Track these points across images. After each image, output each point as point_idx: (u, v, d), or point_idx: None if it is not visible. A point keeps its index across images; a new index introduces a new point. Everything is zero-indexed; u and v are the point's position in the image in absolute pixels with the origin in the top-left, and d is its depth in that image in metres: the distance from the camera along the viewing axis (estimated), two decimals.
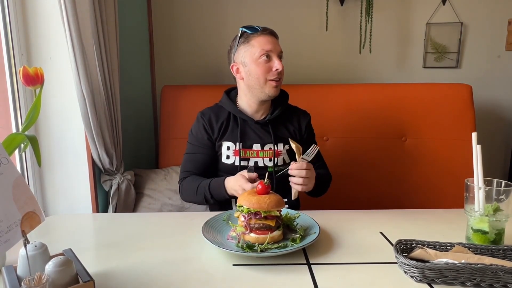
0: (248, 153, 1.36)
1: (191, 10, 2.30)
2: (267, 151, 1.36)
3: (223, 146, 1.37)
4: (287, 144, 1.38)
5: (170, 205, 1.83)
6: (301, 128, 1.43)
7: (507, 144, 2.41)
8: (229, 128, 1.38)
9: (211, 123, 1.38)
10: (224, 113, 1.40)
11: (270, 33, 1.32)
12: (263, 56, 1.28)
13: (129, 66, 1.97)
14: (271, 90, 1.32)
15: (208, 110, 1.42)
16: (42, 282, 0.62)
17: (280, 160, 1.38)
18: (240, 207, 0.96)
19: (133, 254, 0.93)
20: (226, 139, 1.37)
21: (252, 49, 1.30)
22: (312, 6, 2.27)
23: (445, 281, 0.77)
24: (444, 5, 2.25)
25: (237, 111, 1.38)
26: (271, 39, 1.31)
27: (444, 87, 2.01)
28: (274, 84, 1.31)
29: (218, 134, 1.37)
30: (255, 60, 1.29)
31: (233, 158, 1.36)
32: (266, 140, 1.37)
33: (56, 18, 1.46)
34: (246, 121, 1.38)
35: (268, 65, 1.30)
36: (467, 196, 0.94)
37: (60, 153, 1.63)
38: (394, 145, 1.96)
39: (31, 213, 0.74)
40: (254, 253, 0.88)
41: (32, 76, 0.94)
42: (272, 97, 1.35)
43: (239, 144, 1.35)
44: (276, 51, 1.31)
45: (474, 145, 0.93)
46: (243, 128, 1.37)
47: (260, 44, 1.29)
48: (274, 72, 1.30)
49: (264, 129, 1.38)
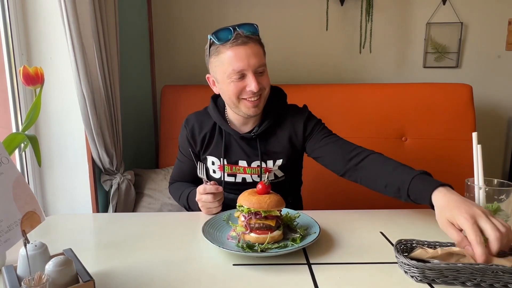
0: (235, 169, 1.22)
1: (191, 10, 2.30)
2: (255, 168, 1.21)
3: (208, 161, 1.25)
4: (279, 159, 1.21)
5: (170, 205, 1.83)
6: (297, 132, 1.21)
7: (507, 144, 2.41)
8: (213, 141, 1.23)
9: (194, 134, 1.25)
10: (209, 123, 1.24)
11: (243, 43, 1.05)
12: (235, 75, 1.08)
13: (129, 66, 1.97)
14: (248, 110, 1.13)
15: (193, 118, 1.27)
16: (42, 281, 0.62)
17: (271, 176, 1.23)
18: (240, 207, 0.96)
19: (133, 254, 0.93)
20: (210, 154, 1.24)
21: (221, 66, 1.09)
22: (312, 6, 2.27)
23: (445, 281, 0.77)
24: (444, 5, 2.25)
25: (222, 122, 1.21)
26: (244, 52, 1.05)
27: (444, 87, 2.01)
28: (250, 105, 1.11)
29: (202, 147, 1.25)
30: (226, 78, 1.09)
31: (219, 173, 1.24)
32: (253, 158, 1.20)
33: (56, 18, 1.46)
34: (232, 135, 1.21)
35: (241, 84, 1.08)
36: (467, 196, 0.94)
37: (60, 153, 1.63)
38: (394, 145, 1.96)
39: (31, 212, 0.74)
40: (254, 253, 0.88)
41: (32, 75, 0.94)
42: (252, 116, 1.16)
43: (223, 160, 1.21)
44: (251, 67, 1.06)
45: (474, 145, 0.93)
46: (228, 143, 1.22)
47: (230, 61, 1.06)
48: (248, 92, 1.09)
49: (251, 145, 1.21)
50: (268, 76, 1.15)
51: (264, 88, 1.12)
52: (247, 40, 1.06)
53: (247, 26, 1.08)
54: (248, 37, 1.07)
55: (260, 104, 1.14)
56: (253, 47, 1.07)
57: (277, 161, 1.22)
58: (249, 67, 1.07)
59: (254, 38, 1.08)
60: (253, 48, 1.07)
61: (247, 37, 1.06)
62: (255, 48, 1.08)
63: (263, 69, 1.11)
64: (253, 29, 1.09)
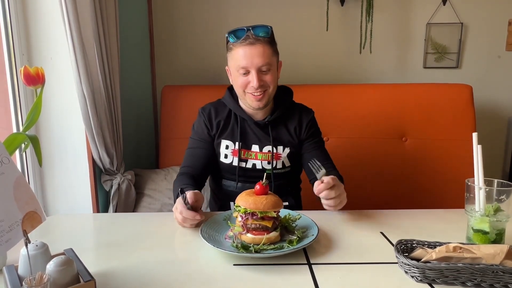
0: (247, 154, 1.32)
1: (191, 10, 2.30)
2: (266, 153, 1.32)
3: (222, 145, 1.33)
4: (287, 147, 1.33)
5: (171, 205, 1.83)
6: (301, 127, 1.35)
7: (507, 144, 2.41)
8: (229, 126, 1.33)
9: (211, 118, 1.34)
10: (225, 110, 1.35)
11: (250, 44, 1.19)
12: (240, 70, 1.22)
13: (130, 66, 1.98)
14: (252, 103, 1.26)
15: (209, 105, 1.38)
16: (43, 281, 0.62)
17: (279, 164, 1.33)
18: (238, 207, 0.96)
19: (133, 254, 0.94)
20: (225, 138, 1.33)
21: (232, 61, 1.24)
22: (313, 6, 2.27)
23: (445, 281, 0.77)
24: (445, 5, 2.25)
25: (238, 109, 1.33)
26: (249, 52, 1.19)
27: (444, 88, 2.01)
28: (253, 98, 1.24)
29: (217, 130, 1.33)
30: (235, 71, 1.24)
31: (231, 157, 1.32)
32: (265, 142, 1.32)
33: (57, 18, 1.46)
34: (246, 121, 1.33)
35: (246, 79, 1.23)
36: (467, 196, 0.94)
37: (61, 153, 1.63)
38: (394, 145, 1.96)
39: (32, 212, 0.74)
40: (248, 254, 0.88)
41: (33, 76, 0.94)
42: (256, 108, 1.28)
43: (239, 144, 1.31)
44: (254, 66, 1.20)
45: (474, 145, 0.93)
46: (243, 128, 1.33)
47: (237, 57, 1.21)
48: (250, 87, 1.22)
49: (264, 131, 1.33)
50: (274, 74, 1.26)
51: (267, 85, 1.24)
52: (254, 41, 1.19)
53: (260, 28, 1.21)
54: (256, 39, 1.19)
55: (264, 99, 1.25)
56: (259, 48, 1.20)
57: (285, 149, 1.33)
58: (252, 65, 1.20)
59: (262, 39, 1.20)
60: (258, 49, 1.19)
61: (255, 39, 1.19)
62: (261, 49, 1.20)
63: (267, 68, 1.22)
64: (265, 31, 1.21)
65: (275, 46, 1.26)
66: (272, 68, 1.24)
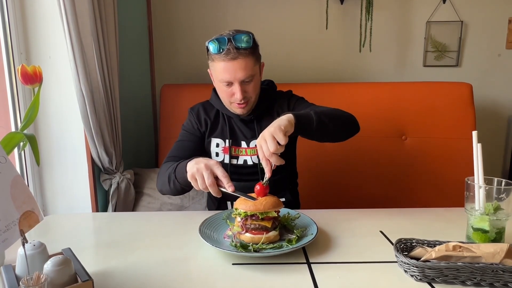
0: (238, 150, 1.33)
1: (190, 9, 2.29)
2: (254, 148, 1.32)
3: (212, 143, 1.34)
4: None
5: (170, 204, 1.83)
6: (283, 109, 1.33)
7: (508, 143, 2.41)
8: (218, 124, 1.35)
9: (199, 117, 1.36)
10: (213, 110, 1.37)
11: (231, 59, 1.16)
12: (223, 82, 1.21)
13: (129, 65, 1.97)
14: (236, 110, 1.27)
15: (198, 105, 1.40)
16: (40, 281, 0.62)
17: None
18: (237, 210, 0.95)
19: (132, 254, 0.93)
20: (215, 136, 1.34)
21: (214, 71, 1.24)
22: (312, 5, 2.26)
23: (445, 280, 0.77)
24: (445, 3, 2.25)
25: (224, 108, 1.33)
26: (232, 67, 1.17)
27: (444, 86, 2.00)
28: (237, 106, 1.25)
29: (207, 128, 1.35)
30: (218, 81, 1.24)
31: (222, 155, 1.33)
32: (250, 138, 1.33)
33: (55, 17, 1.45)
34: (232, 118, 1.34)
35: (230, 90, 1.22)
36: (467, 195, 0.94)
37: (59, 152, 1.63)
38: (394, 144, 1.96)
39: (29, 212, 0.73)
40: (247, 253, 0.88)
41: (30, 74, 0.94)
42: (242, 115, 1.30)
43: (229, 141, 1.32)
44: (237, 79, 1.19)
45: (474, 144, 0.93)
46: (231, 125, 1.34)
47: (219, 70, 1.19)
48: (235, 98, 1.23)
49: (249, 127, 1.33)
50: (257, 82, 1.25)
51: (250, 96, 1.25)
52: (236, 56, 1.16)
53: (240, 38, 1.16)
54: (238, 52, 1.16)
55: (248, 107, 1.27)
56: (241, 62, 1.17)
57: None
58: (235, 79, 1.19)
59: (244, 52, 1.17)
60: (241, 63, 1.17)
61: (237, 52, 1.16)
62: (243, 62, 1.17)
63: (250, 79, 1.21)
64: (246, 41, 1.17)
65: (257, 52, 1.24)
66: (255, 76, 1.23)
